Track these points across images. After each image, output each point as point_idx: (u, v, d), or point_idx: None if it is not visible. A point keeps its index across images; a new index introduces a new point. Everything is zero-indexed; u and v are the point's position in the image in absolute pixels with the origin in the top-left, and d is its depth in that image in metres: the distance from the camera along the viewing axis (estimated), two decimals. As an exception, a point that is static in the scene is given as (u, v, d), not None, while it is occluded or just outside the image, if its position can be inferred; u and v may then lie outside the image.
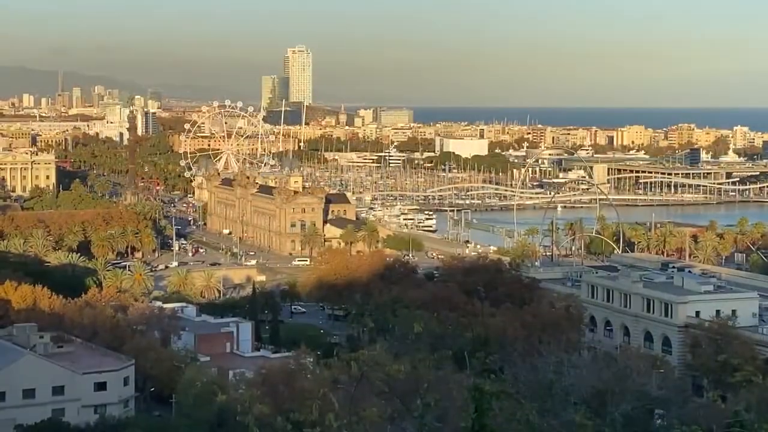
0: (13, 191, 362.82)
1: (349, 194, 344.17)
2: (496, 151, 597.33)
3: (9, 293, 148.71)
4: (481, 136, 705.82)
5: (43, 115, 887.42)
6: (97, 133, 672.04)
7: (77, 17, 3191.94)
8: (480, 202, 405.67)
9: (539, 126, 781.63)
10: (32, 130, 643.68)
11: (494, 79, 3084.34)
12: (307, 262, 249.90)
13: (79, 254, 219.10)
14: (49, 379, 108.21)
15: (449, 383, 45.89)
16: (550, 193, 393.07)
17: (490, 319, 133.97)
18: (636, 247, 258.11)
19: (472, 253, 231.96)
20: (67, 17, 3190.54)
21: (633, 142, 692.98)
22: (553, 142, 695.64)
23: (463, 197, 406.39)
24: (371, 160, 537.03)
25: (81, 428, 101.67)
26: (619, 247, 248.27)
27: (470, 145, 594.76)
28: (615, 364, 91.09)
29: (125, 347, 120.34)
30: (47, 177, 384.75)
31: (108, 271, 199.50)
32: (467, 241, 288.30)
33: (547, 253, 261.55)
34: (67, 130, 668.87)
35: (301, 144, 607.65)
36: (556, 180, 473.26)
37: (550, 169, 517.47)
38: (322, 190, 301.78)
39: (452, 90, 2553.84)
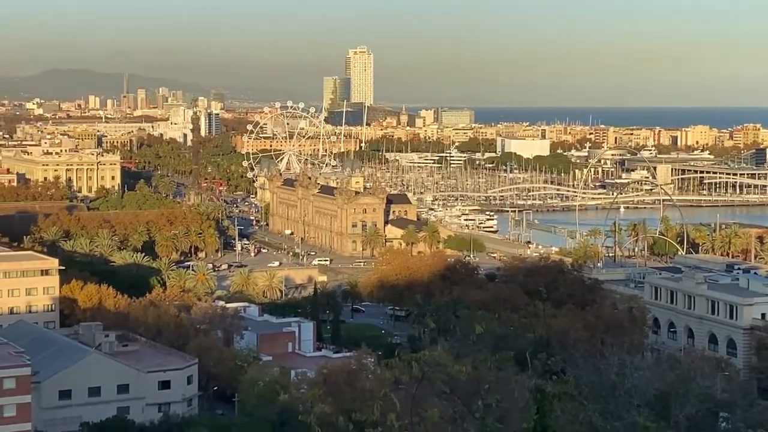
0: (80, 192, 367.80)
1: (410, 195, 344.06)
2: (558, 151, 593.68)
3: (75, 292, 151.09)
4: (543, 137, 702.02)
5: (109, 116, 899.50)
6: (161, 134, 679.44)
7: (142, 21, 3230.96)
8: (542, 202, 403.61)
9: (602, 126, 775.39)
10: (98, 131, 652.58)
11: (556, 79, 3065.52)
12: (328, 263, 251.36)
13: (143, 254, 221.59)
14: (114, 378, 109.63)
15: (511, 384, 45.76)
16: (612, 194, 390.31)
17: (552, 320, 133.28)
18: (700, 248, 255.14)
19: (534, 254, 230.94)
20: (132, 21, 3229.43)
21: (697, 142, 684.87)
22: (615, 142, 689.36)
23: (525, 198, 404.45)
24: (432, 161, 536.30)
25: (145, 426, 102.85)
26: (683, 249, 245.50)
27: (532, 146, 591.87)
28: (679, 366, 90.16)
29: (189, 346, 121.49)
30: (112, 178, 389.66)
31: (172, 270, 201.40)
32: (529, 242, 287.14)
33: (610, 254, 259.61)
34: (132, 132, 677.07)
35: (363, 144, 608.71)
36: (618, 180, 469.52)
37: (612, 169, 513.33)
38: (383, 191, 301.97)
39: (514, 90, 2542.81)
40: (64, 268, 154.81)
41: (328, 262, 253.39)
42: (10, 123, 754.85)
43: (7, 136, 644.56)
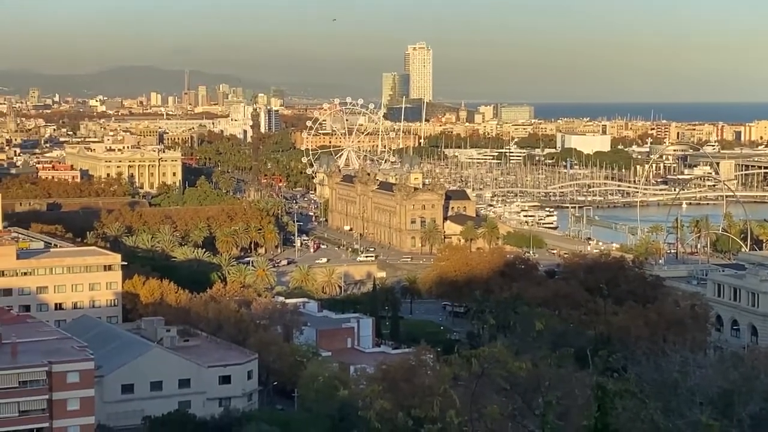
0: (141, 188, 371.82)
1: (469, 191, 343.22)
2: (619, 147, 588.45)
3: (137, 287, 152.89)
4: (604, 132, 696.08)
5: (170, 113, 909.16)
6: (222, 131, 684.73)
7: (202, 18, 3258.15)
8: (602, 198, 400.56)
9: (664, 121, 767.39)
10: (159, 128, 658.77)
11: (617, 74, 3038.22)
12: (373, 259, 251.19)
13: (204, 250, 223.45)
14: (175, 372, 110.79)
15: (571, 381, 45.45)
16: (674, 190, 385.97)
17: (613, 317, 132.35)
18: (764, 244, 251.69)
19: (594, 251, 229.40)
20: (193, 19, 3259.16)
21: (762, 138, 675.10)
22: (677, 138, 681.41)
23: (585, 194, 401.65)
24: (491, 157, 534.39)
25: (206, 420, 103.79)
26: (746, 245, 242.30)
27: (592, 141, 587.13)
28: (742, 364, 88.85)
29: (249, 341, 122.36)
30: (174, 174, 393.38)
31: (232, 266, 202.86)
32: (589, 239, 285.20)
33: (672, 251, 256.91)
34: (193, 128, 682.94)
35: (422, 140, 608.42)
36: (681, 176, 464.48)
37: (674, 165, 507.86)
38: (442, 187, 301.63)
39: (574, 86, 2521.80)
40: (126, 263, 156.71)
41: (373, 258, 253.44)
42: (74, 120, 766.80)
43: (70, 132, 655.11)
